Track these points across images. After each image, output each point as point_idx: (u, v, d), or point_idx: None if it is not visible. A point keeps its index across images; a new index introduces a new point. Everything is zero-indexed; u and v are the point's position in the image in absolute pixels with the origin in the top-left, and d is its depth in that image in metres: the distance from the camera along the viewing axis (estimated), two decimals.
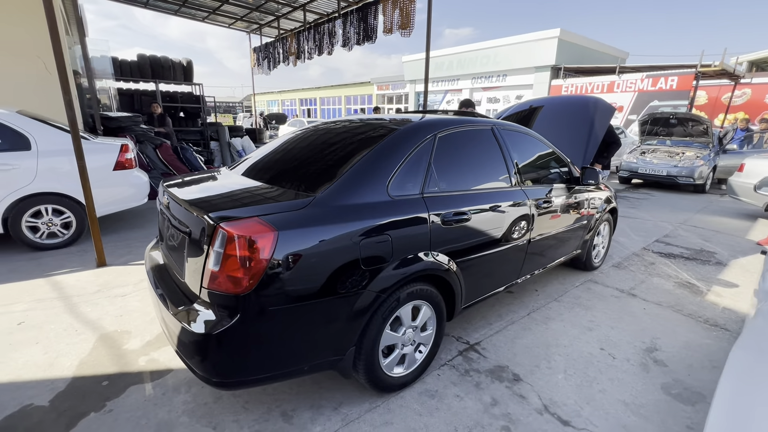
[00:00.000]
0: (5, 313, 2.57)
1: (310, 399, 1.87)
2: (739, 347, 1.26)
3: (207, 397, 1.86)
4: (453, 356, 2.25)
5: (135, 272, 3.31)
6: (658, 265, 3.81)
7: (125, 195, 4.21)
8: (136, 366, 2.08)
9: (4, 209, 3.51)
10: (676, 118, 8.52)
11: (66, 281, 3.10)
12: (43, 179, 3.63)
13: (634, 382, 2.06)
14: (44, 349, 2.21)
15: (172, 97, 9.77)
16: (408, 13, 5.78)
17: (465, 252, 2.06)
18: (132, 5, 9.48)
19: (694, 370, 2.19)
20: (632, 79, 13.78)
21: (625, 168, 8.31)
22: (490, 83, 18.15)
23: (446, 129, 2.11)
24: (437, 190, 1.97)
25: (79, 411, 1.75)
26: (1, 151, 3.46)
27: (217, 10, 9.73)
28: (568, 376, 2.10)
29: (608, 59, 17.29)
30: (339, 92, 28.86)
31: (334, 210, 1.57)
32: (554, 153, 2.94)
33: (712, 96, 13.57)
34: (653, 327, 2.64)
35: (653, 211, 6.17)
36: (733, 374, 1.08)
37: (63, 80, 3.02)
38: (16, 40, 5.35)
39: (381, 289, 1.66)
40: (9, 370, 2.02)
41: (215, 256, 1.41)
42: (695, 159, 7.66)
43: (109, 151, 4.07)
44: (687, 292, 3.22)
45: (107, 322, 2.50)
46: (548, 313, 2.80)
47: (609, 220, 3.64)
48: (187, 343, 1.46)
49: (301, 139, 2.31)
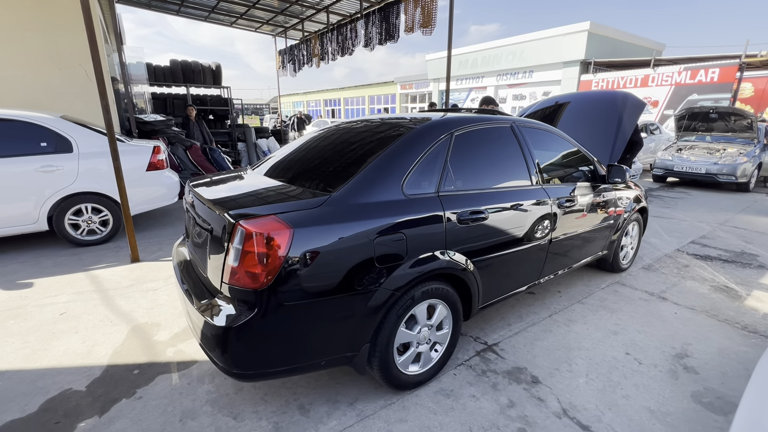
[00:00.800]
0: (50, 304, 2.77)
1: (326, 394, 1.91)
2: None
3: (229, 388, 1.94)
4: (470, 356, 2.24)
5: (165, 268, 3.47)
6: (693, 267, 3.62)
7: (157, 194, 4.42)
8: (165, 356, 2.19)
9: (49, 207, 3.77)
10: (717, 113, 8.03)
11: (103, 275, 3.30)
12: (83, 179, 3.88)
13: (662, 389, 1.97)
14: (83, 338, 2.36)
15: (201, 100, 10.14)
16: (430, 11, 5.75)
17: (482, 251, 2.04)
18: (165, 13, 9.93)
19: (729, 378, 2.07)
20: (668, 72, 13.06)
21: (660, 166, 7.92)
22: (516, 80, 17.72)
23: (463, 127, 2.09)
24: (453, 188, 1.96)
25: (113, 396, 1.87)
26: (48, 154, 3.72)
27: (243, 15, 10.02)
28: (590, 380, 2.03)
29: (642, 52, 16.47)
30: (363, 92, 29.03)
31: (348, 208, 1.60)
32: (578, 150, 2.85)
33: (759, 88, 12.65)
34: (685, 332, 2.51)
35: (690, 210, 5.85)
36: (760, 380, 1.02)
37: (101, 86, 3.21)
38: (59, 50, 5.73)
39: (395, 288, 1.68)
40: (51, 357, 2.17)
41: (234, 252, 1.47)
42: (738, 156, 7.20)
43: (143, 153, 4.28)
44: (724, 296, 3.04)
45: (139, 315, 2.65)
46: (571, 315, 2.72)
47: (638, 220, 3.48)
48: (209, 336, 1.53)
49: (321, 140, 2.36)
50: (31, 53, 5.60)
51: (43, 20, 5.58)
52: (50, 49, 5.67)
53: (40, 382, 1.96)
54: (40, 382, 1.96)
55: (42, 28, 5.59)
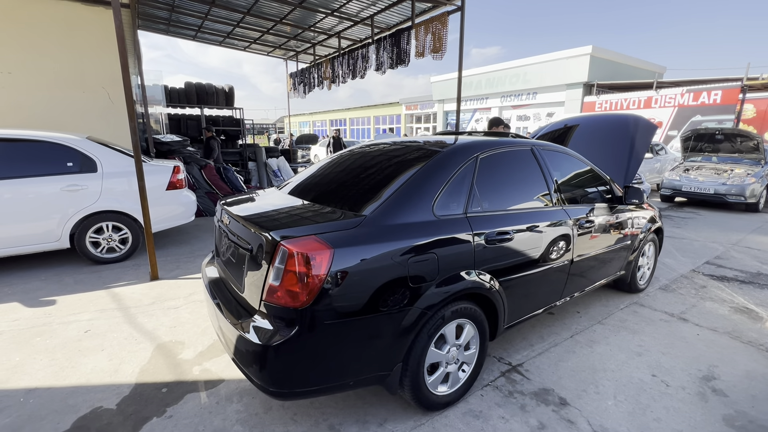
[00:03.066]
0: (74, 321, 2.80)
1: (355, 414, 1.91)
2: None
3: (258, 407, 1.94)
4: (495, 377, 2.23)
5: (185, 286, 3.51)
6: (710, 288, 3.61)
7: (176, 213, 4.50)
8: (191, 375, 2.20)
9: (72, 225, 3.85)
10: (723, 134, 8.13)
11: (124, 293, 3.34)
12: (106, 198, 3.97)
13: (692, 412, 1.96)
14: (109, 356, 2.38)
15: (214, 121, 10.42)
16: (440, 37, 5.96)
17: (508, 271, 2.07)
18: (182, 38, 10.32)
19: (759, 401, 2.05)
20: (671, 94, 13.30)
21: (668, 186, 7.96)
22: (520, 101, 18.05)
23: (487, 150, 2.16)
24: (480, 209, 2.01)
25: (143, 415, 1.88)
26: (73, 173, 3.83)
27: (257, 41, 10.40)
28: (619, 402, 2.02)
29: (644, 74, 16.82)
30: (368, 113, 29.60)
31: (384, 229, 1.65)
32: (595, 172, 2.91)
33: (761, 109, 12.81)
34: (709, 354, 2.50)
35: (701, 230, 5.86)
36: None
37: (130, 109, 3.34)
38: (84, 73, 5.96)
39: (427, 306, 1.71)
40: (80, 374, 2.19)
41: (275, 271, 1.51)
42: (745, 176, 7.24)
43: (163, 173, 4.40)
44: (745, 317, 3.03)
45: (162, 333, 2.67)
46: (592, 336, 2.72)
47: (654, 240, 3.51)
48: (246, 353, 1.56)
49: (347, 161, 2.43)
50: (58, 76, 5.83)
51: (70, 45, 5.83)
52: (75, 72, 5.90)
53: (70, 400, 1.98)
54: (71, 400, 1.98)
55: (69, 53, 5.84)
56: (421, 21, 6.35)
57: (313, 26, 8.79)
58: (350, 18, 8.00)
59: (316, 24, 8.64)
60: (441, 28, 5.99)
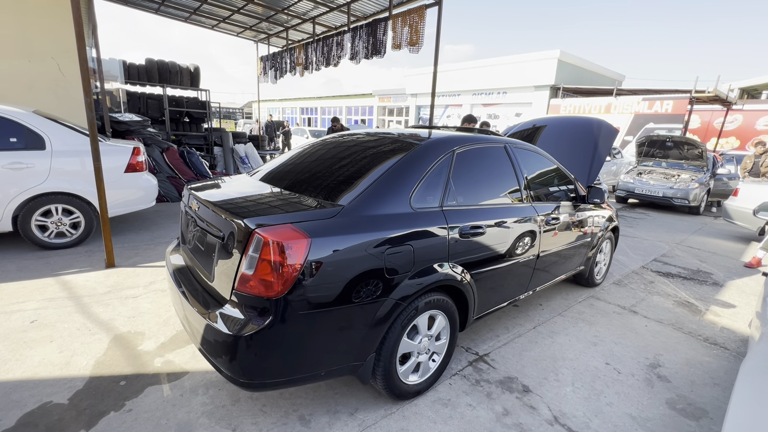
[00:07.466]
0: (18, 311, 2.58)
1: (326, 404, 1.90)
2: (748, 372, 1.31)
3: (225, 399, 1.89)
4: (463, 366, 2.30)
5: (144, 274, 3.33)
6: (657, 283, 3.90)
7: (135, 197, 4.24)
8: (153, 367, 2.10)
9: (15, 207, 3.53)
10: (673, 141, 8.76)
11: (75, 281, 3.11)
12: (55, 179, 3.66)
13: (640, 397, 2.12)
14: (59, 347, 2.22)
15: (177, 102, 9.84)
16: (417, 30, 5.95)
17: (479, 264, 2.13)
18: (143, 10, 9.63)
19: (697, 386, 2.25)
20: (629, 102, 14.15)
21: (622, 188, 8.50)
22: (491, 100, 18.49)
23: (465, 145, 2.20)
24: (455, 203, 2.04)
25: (99, 410, 1.77)
26: (18, 149, 3.49)
27: (226, 19, 9.90)
28: (576, 389, 2.15)
29: (605, 81, 17.75)
30: (340, 102, 29.15)
31: (361, 219, 1.64)
32: (561, 171, 3.04)
33: (704, 120, 13.93)
34: (655, 344, 2.71)
35: (650, 230, 6.30)
36: (743, 399, 1.13)
37: (85, 83, 3.08)
38: (31, 41, 5.42)
39: (401, 297, 1.72)
40: (26, 368, 2.03)
41: (249, 260, 1.46)
42: (690, 181, 7.86)
43: (122, 154, 4.11)
44: (686, 311, 3.30)
45: (120, 323, 2.52)
46: (553, 327, 2.86)
47: (611, 238, 3.73)
48: (216, 343, 1.50)
49: (321, 150, 2.39)
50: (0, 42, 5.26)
51: (14, 7, 5.27)
52: (21, 39, 5.35)
53: (14, 395, 1.83)
54: (15, 395, 1.83)
55: (12, 16, 5.28)
56: (398, 12, 6.30)
57: (286, 9, 8.48)
58: (326, 3, 7.80)
59: (290, 7, 8.34)
60: (418, 21, 5.98)
